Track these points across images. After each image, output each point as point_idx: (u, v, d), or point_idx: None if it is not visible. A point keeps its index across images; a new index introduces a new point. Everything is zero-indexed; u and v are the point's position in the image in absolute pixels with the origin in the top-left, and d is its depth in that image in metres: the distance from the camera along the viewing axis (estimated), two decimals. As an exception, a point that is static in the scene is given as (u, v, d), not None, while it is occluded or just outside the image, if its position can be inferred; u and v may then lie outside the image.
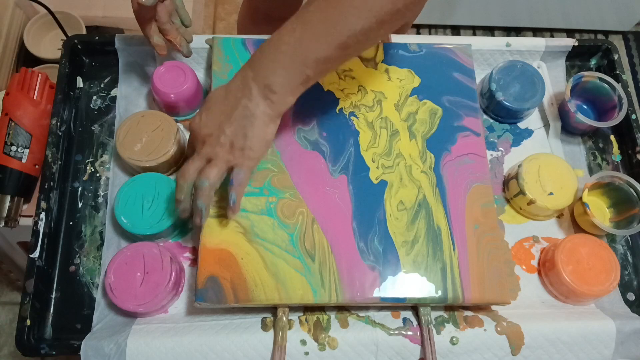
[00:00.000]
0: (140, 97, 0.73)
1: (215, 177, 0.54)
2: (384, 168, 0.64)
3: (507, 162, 0.73)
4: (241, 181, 0.55)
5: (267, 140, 0.56)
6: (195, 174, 0.55)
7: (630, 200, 0.68)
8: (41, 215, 0.63)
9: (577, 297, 0.63)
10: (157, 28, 0.64)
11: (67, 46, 0.73)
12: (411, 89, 0.70)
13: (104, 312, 0.62)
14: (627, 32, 1.69)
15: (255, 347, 0.57)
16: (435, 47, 0.73)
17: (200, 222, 0.57)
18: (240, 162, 0.55)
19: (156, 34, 0.64)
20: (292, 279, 0.58)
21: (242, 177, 0.55)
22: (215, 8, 1.62)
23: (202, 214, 0.56)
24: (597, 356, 0.60)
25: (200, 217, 0.56)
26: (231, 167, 0.55)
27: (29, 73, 0.75)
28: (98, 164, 0.70)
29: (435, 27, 1.66)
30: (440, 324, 0.59)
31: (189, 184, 0.56)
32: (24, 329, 0.59)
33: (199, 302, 0.56)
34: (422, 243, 0.61)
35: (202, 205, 0.55)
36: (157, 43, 0.65)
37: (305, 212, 0.61)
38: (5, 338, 1.21)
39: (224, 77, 0.68)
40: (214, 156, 0.55)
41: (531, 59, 0.77)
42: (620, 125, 0.73)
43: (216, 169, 0.54)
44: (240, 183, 0.56)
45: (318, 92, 0.68)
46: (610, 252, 0.64)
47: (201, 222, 0.57)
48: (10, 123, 0.72)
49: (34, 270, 0.61)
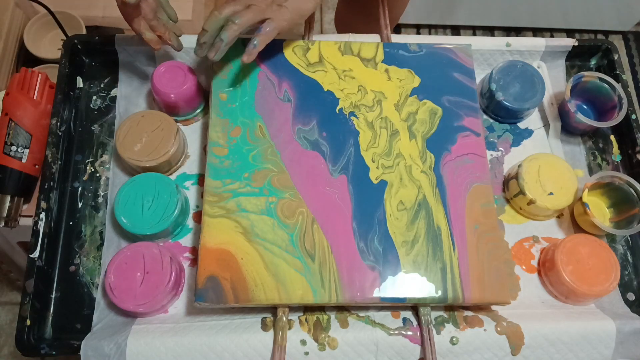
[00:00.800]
0: (140, 97, 0.73)
1: (247, 20, 0.58)
2: (384, 168, 0.64)
3: (507, 162, 0.73)
4: (268, 33, 0.59)
5: (302, 10, 0.60)
6: (231, 12, 0.59)
7: (630, 200, 0.68)
8: (41, 215, 0.63)
9: (577, 297, 0.63)
10: (146, 24, 0.65)
11: (67, 46, 0.73)
12: (411, 89, 0.70)
13: (104, 312, 0.62)
14: (627, 32, 1.69)
15: (255, 347, 0.57)
16: (435, 47, 0.73)
17: (214, 57, 0.60)
18: (273, 17, 0.59)
19: (147, 29, 0.65)
20: (292, 279, 0.58)
21: (270, 30, 0.59)
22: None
23: (220, 48, 0.60)
24: (597, 356, 0.60)
25: (216, 52, 0.60)
26: (263, 20, 0.59)
27: (29, 73, 0.75)
28: (98, 164, 0.70)
29: (435, 27, 1.66)
30: (440, 324, 0.59)
31: (222, 18, 0.59)
32: (24, 329, 0.59)
33: (199, 302, 0.56)
34: (422, 243, 0.61)
35: (224, 37, 0.59)
36: (150, 38, 0.65)
37: (305, 212, 0.61)
38: (5, 338, 1.21)
39: (224, 77, 0.68)
40: (254, 4, 0.58)
41: (531, 59, 0.77)
42: (620, 125, 0.73)
43: (251, 14, 0.58)
44: (267, 33, 0.59)
45: (318, 92, 0.68)
46: (610, 252, 0.64)
47: (214, 57, 0.60)
48: (10, 123, 0.72)
49: (34, 270, 0.61)
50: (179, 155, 0.69)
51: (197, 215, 0.66)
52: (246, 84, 0.68)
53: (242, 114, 0.66)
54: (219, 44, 0.60)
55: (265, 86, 0.68)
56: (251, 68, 0.69)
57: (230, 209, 0.61)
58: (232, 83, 0.68)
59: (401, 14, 1.06)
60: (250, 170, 0.63)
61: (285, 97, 0.68)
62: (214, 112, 0.66)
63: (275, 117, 0.66)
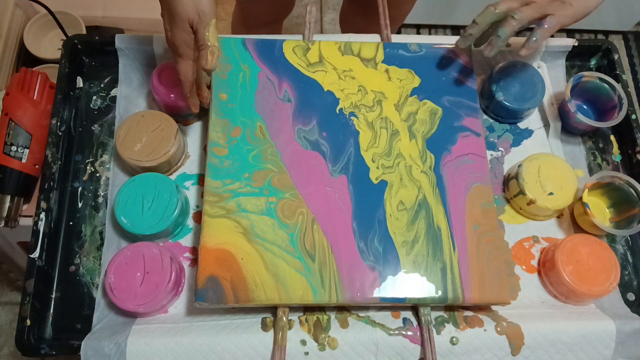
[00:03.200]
0: (140, 97, 0.73)
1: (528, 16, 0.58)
2: (384, 168, 0.64)
3: (507, 162, 0.73)
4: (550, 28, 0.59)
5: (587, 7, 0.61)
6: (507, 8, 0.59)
7: (630, 200, 0.68)
8: (41, 215, 0.63)
9: (577, 297, 0.63)
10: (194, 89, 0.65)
11: (67, 46, 0.73)
12: (411, 89, 0.70)
13: (104, 312, 0.62)
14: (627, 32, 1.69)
15: (255, 347, 0.57)
16: (435, 47, 0.73)
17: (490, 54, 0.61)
18: (556, 13, 0.58)
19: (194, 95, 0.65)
20: (292, 279, 0.58)
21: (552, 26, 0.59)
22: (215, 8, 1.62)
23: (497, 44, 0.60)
24: (597, 356, 0.60)
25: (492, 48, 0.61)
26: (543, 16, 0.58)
27: (29, 73, 0.75)
28: (98, 164, 0.70)
29: (435, 27, 1.66)
30: (440, 324, 0.59)
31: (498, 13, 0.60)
32: (24, 329, 0.59)
33: (199, 302, 0.56)
34: (422, 243, 0.61)
35: (502, 34, 0.59)
36: (195, 103, 0.66)
37: (305, 212, 0.61)
38: (5, 338, 1.21)
39: (224, 77, 0.68)
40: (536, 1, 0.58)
41: (531, 59, 0.77)
42: (620, 125, 0.73)
43: (531, 10, 0.58)
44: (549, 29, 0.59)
45: (318, 92, 0.68)
46: (610, 252, 0.64)
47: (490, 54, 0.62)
48: (10, 123, 0.72)
49: (34, 270, 0.61)
50: (179, 155, 0.69)
51: (197, 215, 0.66)
52: (246, 84, 0.68)
53: (242, 114, 0.66)
54: (495, 40, 0.60)
55: (266, 86, 0.68)
56: (251, 68, 0.69)
57: (231, 209, 0.61)
58: (232, 83, 0.68)
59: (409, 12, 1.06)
60: (250, 170, 0.63)
61: (285, 97, 0.68)
62: (214, 112, 0.66)
63: (275, 117, 0.66)
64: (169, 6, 0.57)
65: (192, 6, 0.57)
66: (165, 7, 0.58)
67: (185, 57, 0.60)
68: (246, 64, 0.69)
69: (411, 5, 1.04)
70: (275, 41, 0.71)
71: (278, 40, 0.71)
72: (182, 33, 0.58)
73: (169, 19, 0.58)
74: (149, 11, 1.19)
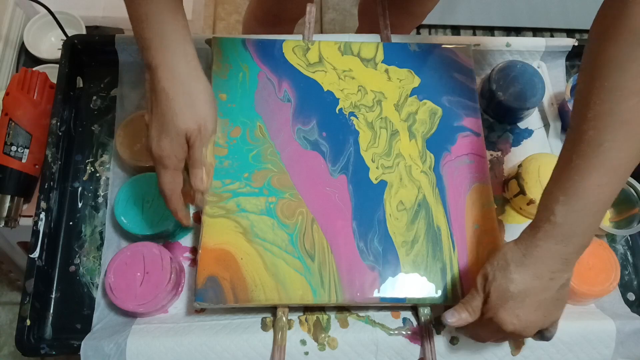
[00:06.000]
0: (140, 97, 0.73)
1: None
2: (384, 168, 0.64)
3: (507, 162, 0.73)
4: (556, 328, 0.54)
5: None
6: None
7: (630, 200, 0.68)
8: (41, 215, 0.63)
9: (577, 297, 0.63)
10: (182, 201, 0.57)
11: (67, 46, 0.73)
12: (411, 89, 0.70)
13: (104, 312, 0.62)
14: (627, 32, 1.69)
15: (255, 347, 0.57)
16: (435, 47, 0.73)
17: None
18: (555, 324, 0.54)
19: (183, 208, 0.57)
20: (292, 279, 0.58)
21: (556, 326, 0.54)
22: (215, 8, 1.62)
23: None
24: (597, 356, 0.60)
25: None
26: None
27: (29, 73, 0.75)
28: (98, 164, 0.70)
29: (435, 27, 1.66)
30: (440, 323, 0.59)
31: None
32: (24, 329, 0.59)
33: (198, 302, 0.56)
34: (421, 243, 0.61)
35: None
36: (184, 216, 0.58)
37: (305, 212, 0.61)
38: (5, 338, 1.21)
39: (223, 77, 0.68)
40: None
41: (531, 59, 0.77)
42: (620, 125, 0.73)
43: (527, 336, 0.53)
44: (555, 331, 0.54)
45: (318, 92, 0.68)
46: (610, 252, 0.64)
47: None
48: (10, 123, 0.72)
49: (34, 270, 0.61)
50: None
51: (197, 215, 0.66)
52: (246, 84, 0.68)
53: (242, 114, 0.66)
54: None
55: (265, 86, 0.68)
56: (251, 68, 0.69)
57: (230, 209, 0.61)
58: (232, 83, 0.68)
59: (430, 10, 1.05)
60: (250, 170, 0.63)
61: (285, 97, 0.68)
62: (213, 112, 0.66)
63: (275, 117, 0.66)
64: (164, 116, 0.51)
65: (193, 120, 0.51)
66: (158, 115, 0.52)
67: (171, 169, 0.53)
68: (246, 64, 0.69)
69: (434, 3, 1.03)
70: (275, 41, 0.71)
71: (278, 40, 0.71)
72: (173, 146, 0.52)
73: (160, 127, 0.52)
74: (149, 11, 1.19)
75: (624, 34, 0.45)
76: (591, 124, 0.46)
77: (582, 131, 0.47)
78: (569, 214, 0.47)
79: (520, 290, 0.49)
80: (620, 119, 0.45)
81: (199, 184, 0.54)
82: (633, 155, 0.46)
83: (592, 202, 0.47)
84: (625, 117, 0.45)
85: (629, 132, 0.45)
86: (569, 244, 0.48)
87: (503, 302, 0.50)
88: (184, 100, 0.51)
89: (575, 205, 0.47)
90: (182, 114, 0.51)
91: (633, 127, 0.45)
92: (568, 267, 0.50)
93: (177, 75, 0.51)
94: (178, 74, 0.51)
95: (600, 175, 0.46)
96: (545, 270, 0.49)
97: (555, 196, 0.48)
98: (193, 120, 0.52)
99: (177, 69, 0.51)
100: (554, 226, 0.48)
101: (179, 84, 0.51)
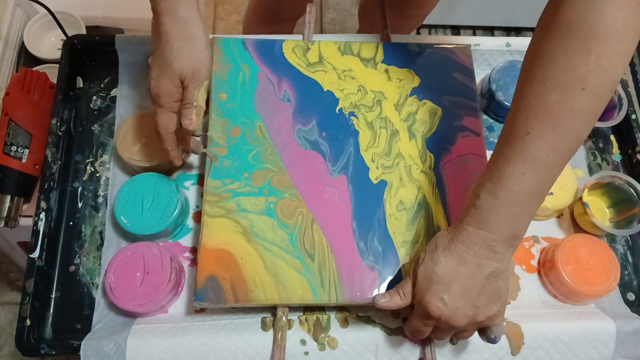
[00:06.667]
0: (140, 97, 0.73)
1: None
2: (384, 168, 0.64)
3: (507, 162, 0.72)
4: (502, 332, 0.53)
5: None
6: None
7: (630, 200, 0.68)
8: (41, 215, 0.63)
9: (577, 297, 0.63)
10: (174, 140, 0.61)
11: (67, 46, 0.73)
12: (411, 89, 0.70)
13: (104, 312, 0.62)
14: (627, 32, 1.69)
15: (255, 347, 0.57)
16: (435, 47, 0.73)
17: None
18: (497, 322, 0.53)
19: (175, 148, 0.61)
20: (292, 279, 0.58)
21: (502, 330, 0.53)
22: (215, 8, 1.62)
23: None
24: (597, 356, 0.60)
25: None
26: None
27: (29, 73, 0.75)
28: (98, 164, 0.70)
29: (435, 27, 1.66)
30: (440, 324, 0.59)
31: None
32: (24, 329, 0.59)
33: (198, 302, 0.56)
34: (421, 243, 0.61)
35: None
36: (176, 156, 0.62)
37: (304, 212, 0.61)
38: (5, 338, 1.21)
39: (223, 77, 0.68)
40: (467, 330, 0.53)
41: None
42: (620, 125, 0.73)
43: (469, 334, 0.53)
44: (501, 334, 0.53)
45: (318, 92, 0.68)
46: (610, 252, 0.64)
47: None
48: (10, 123, 0.72)
49: (34, 270, 0.61)
50: (178, 155, 0.69)
51: (197, 215, 0.66)
52: (246, 84, 0.68)
53: (242, 114, 0.66)
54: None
55: (265, 86, 0.68)
56: (251, 68, 0.69)
57: (230, 209, 0.61)
58: (232, 83, 0.68)
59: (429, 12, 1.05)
60: (250, 170, 0.63)
61: (285, 97, 0.68)
62: (213, 112, 0.66)
63: (275, 117, 0.66)
64: (163, 57, 0.55)
65: (189, 63, 0.55)
66: (159, 56, 0.56)
67: (166, 108, 0.57)
68: (246, 64, 0.69)
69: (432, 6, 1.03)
70: (275, 41, 0.71)
71: (278, 41, 0.71)
72: (169, 84, 0.56)
73: (159, 68, 0.56)
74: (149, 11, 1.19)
75: (557, 27, 0.46)
76: (522, 114, 0.47)
77: (513, 120, 0.48)
78: (492, 200, 0.48)
79: (445, 272, 0.49)
80: (546, 111, 0.45)
81: (187, 123, 0.57)
82: (558, 148, 0.46)
83: (515, 190, 0.47)
84: (551, 109, 0.45)
85: (555, 125, 0.46)
86: (492, 231, 0.48)
87: (429, 285, 0.50)
88: (182, 44, 0.55)
89: (499, 193, 0.47)
90: (178, 57, 0.55)
91: (559, 120, 0.45)
92: (497, 255, 0.49)
93: (177, 21, 0.55)
94: (178, 19, 0.55)
95: (525, 164, 0.46)
96: (471, 256, 0.49)
97: (483, 182, 0.49)
98: (188, 63, 0.55)
99: (177, 15, 0.55)
100: (478, 211, 0.48)
101: (179, 29, 0.55)
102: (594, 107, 0.46)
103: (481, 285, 0.50)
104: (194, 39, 0.56)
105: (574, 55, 0.44)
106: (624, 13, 0.43)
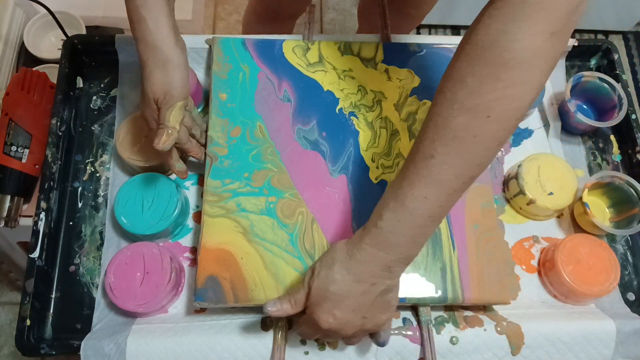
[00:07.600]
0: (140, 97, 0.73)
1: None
2: (384, 168, 0.64)
3: (507, 162, 0.72)
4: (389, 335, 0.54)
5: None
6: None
7: (630, 200, 0.68)
8: (41, 215, 0.63)
9: (577, 297, 0.63)
10: (177, 154, 0.62)
11: (67, 46, 0.73)
12: (411, 89, 0.70)
13: (104, 312, 0.62)
14: (627, 32, 1.69)
15: (255, 347, 0.57)
16: (435, 47, 0.73)
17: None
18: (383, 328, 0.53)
19: (177, 162, 0.62)
20: (292, 279, 0.58)
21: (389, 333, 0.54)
22: (215, 8, 1.62)
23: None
24: (597, 356, 0.60)
25: None
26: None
27: (29, 73, 0.75)
28: (98, 164, 0.70)
29: (435, 27, 1.66)
30: (440, 323, 0.59)
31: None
32: (24, 329, 0.59)
33: (198, 302, 0.56)
34: (422, 243, 0.61)
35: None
36: (180, 170, 0.63)
37: (305, 212, 0.61)
38: (5, 338, 1.21)
39: (223, 77, 0.68)
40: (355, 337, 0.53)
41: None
42: (620, 125, 0.73)
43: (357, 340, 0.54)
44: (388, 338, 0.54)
45: (318, 92, 0.68)
46: (610, 252, 0.64)
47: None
48: (10, 123, 0.72)
49: (34, 270, 0.61)
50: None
51: (197, 215, 0.66)
52: (246, 84, 0.68)
53: (242, 113, 0.66)
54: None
55: (265, 86, 0.68)
56: (251, 68, 0.69)
57: (230, 208, 0.61)
58: (232, 83, 0.68)
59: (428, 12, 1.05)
60: (250, 170, 0.63)
61: (285, 97, 0.68)
62: (213, 112, 0.66)
63: (275, 117, 0.66)
64: (142, 83, 0.58)
65: (160, 86, 0.57)
66: (141, 82, 0.58)
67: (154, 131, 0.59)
68: (246, 64, 0.69)
69: (431, 5, 1.03)
70: (275, 41, 0.71)
71: (278, 40, 0.71)
72: (147, 109, 0.58)
73: (142, 94, 0.59)
74: (149, 11, 1.19)
75: (470, 48, 0.45)
76: (428, 135, 0.46)
77: (420, 141, 0.47)
78: (394, 222, 0.47)
79: (339, 291, 0.49)
80: (452, 134, 0.45)
81: (155, 143, 0.58)
82: (460, 172, 0.46)
83: (417, 214, 0.46)
84: (456, 133, 0.44)
85: (459, 149, 0.45)
86: (390, 252, 0.48)
87: (322, 301, 0.50)
88: (152, 68, 0.57)
89: (402, 215, 0.47)
90: (150, 81, 0.57)
91: (463, 144, 0.45)
92: (392, 274, 0.49)
93: (148, 46, 0.56)
94: (149, 45, 0.56)
95: (428, 187, 0.46)
96: (366, 275, 0.49)
97: (386, 201, 0.48)
98: (157, 86, 0.57)
99: (147, 41, 0.56)
100: (380, 232, 0.48)
101: (151, 55, 0.57)
102: (498, 135, 0.45)
103: (373, 300, 0.50)
104: (165, 62, 0.56)
105: (482, 80, 0.43)
106: (535, 42, 0.42)
